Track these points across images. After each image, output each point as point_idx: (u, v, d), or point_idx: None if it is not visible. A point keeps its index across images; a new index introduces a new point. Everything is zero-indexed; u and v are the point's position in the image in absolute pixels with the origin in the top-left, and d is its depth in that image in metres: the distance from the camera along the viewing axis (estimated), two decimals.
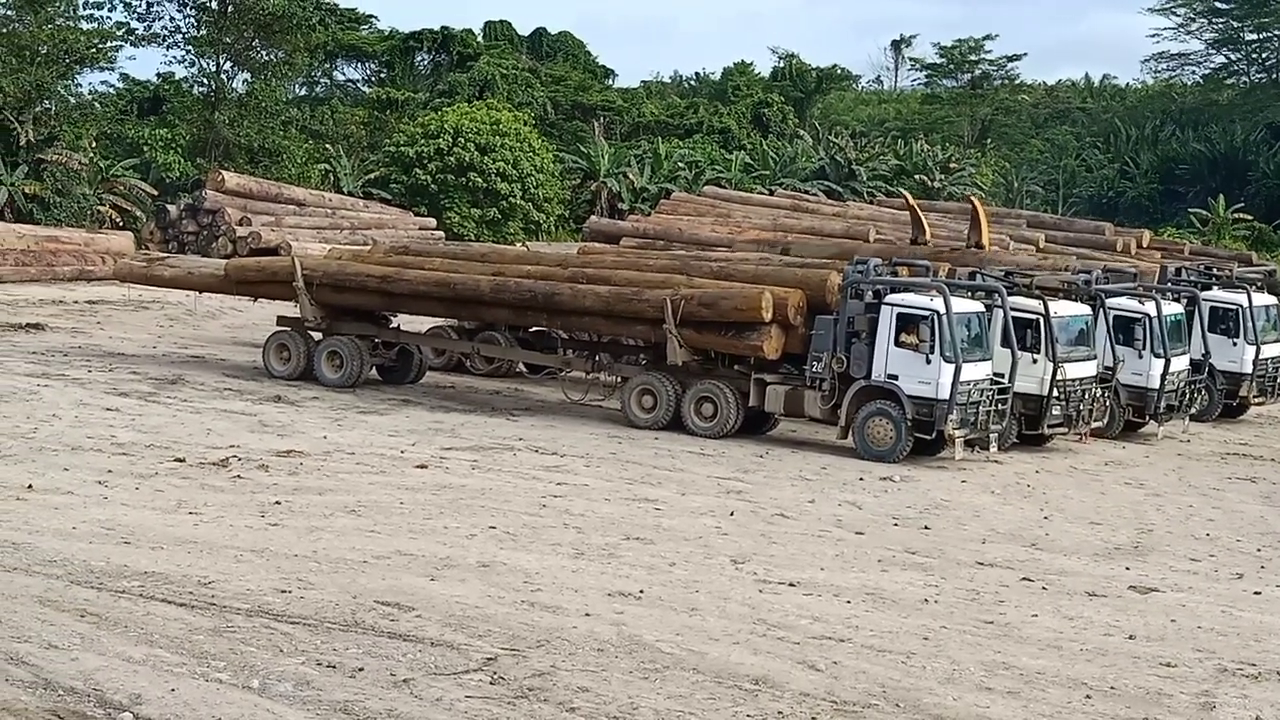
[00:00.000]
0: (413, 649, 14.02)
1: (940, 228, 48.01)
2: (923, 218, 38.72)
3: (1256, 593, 19.25)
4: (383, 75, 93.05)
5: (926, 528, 21.86)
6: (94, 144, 58.81)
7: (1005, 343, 28.08)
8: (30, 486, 20.22)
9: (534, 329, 33.19)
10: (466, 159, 67.07)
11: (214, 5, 65.43)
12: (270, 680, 12.88)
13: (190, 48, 66.80)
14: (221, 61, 66.06)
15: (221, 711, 12.06)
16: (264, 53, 66.57)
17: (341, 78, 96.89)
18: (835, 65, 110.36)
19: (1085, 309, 30.57)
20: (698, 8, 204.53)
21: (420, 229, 62.36)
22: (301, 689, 12.70)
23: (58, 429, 24.96)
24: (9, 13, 60.49)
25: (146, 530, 18.09)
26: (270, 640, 13.97)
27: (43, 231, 50.38)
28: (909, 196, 46.75)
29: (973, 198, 48.94)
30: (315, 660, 13.49)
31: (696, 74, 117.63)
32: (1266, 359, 36.02)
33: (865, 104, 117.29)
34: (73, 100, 62.00)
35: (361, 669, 13.33)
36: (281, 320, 33.35)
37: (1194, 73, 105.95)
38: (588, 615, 15.60)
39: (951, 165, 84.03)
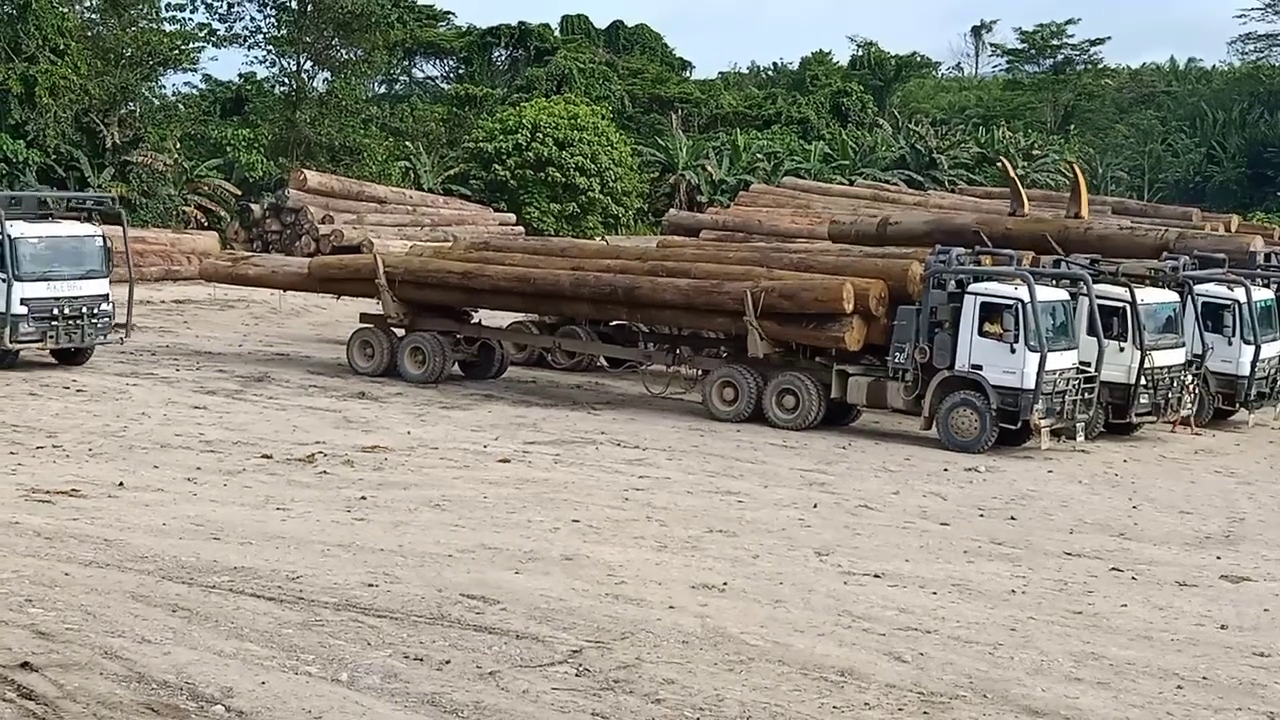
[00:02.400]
0: (498, 641, 14.08)
1: (1024, 215, 47.63)
2: (1021, 189, 38.39)
3: None
4: (461, 72, 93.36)
5: (1013, 518, 21.70)
6: (178, 145, 59.44)
7: (1091, 331, 27.81)
8: (121, 484, 20.49)
9: (614, 323, 33.24)
10: (545, 154, 67.20)
11: (294, 5, 65.93)
12: (359, 673, 12.97)
13: (271, 48, 67.36)
14: (302, 61, 66.57)
15: (311, 704, 12.17)
16: (343, 51, 67.01)
17: (420, 75, 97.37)
18: (915, 52, 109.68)
19: (1173, 295, 30.22)
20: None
21: (500, 225, 62.59)
22: (389, 681, 12.79)
23: (147, 427, 25.28)
24: (93, 16, 61.26)
25: (235, 526, 18.28)
26: (358, 633, 14.08)
27: (130, 233, 50.88)
28: (1009, 166, 46.29)
29: (1075, 165, 48.40)
30: (403, 653, 13.57)
31: (774, 64, 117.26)
32: None
33: (945, 91, 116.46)
34: (157, 102, 62.71)
35: (448, 661, 13.40)
36: (364, 317, 33.61)
37: None
38: (672, 608, 15.60)
39: (1034, 152, 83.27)
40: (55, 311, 30.36)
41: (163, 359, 33.39)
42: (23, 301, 30.02)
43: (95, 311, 30.99)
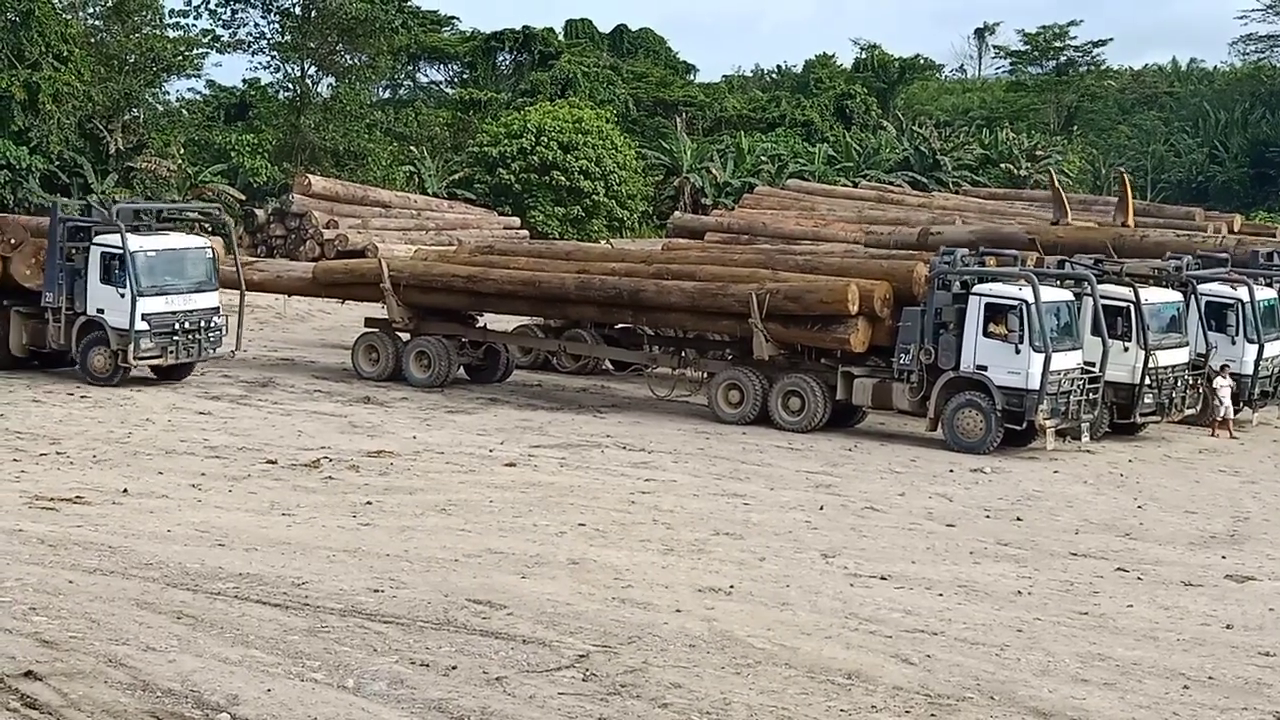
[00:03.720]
0: (505, 647, 14.07)
1: (1028, 216, 47.75)
2: (1065, 199, 38.48)
3: None
4: (465, 76, 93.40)
5: (1019, 519, 21.69)
6: (182, 151, 59.46)
7: (1096, 331, 27.79)
8: (126, 490, 20.50)
9: (619, 326, 33.22)
10: (550, 158, 67.22)
11: (297, 11, 65.97)
12: (365, 679, 12.96)
13: (275, 53, 67.38)
14: (306, 66, 66.61)
15: (317, 711, 12.16)
16: (347, 57, 67.03)
17: (424, 79, 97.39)
18: (918, 55, 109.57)
19: (1177, 295, 30.20)
20: (780, 2, 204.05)
21: (505, 228, 62.61)
22: (396, 688, 12.78)
23: (151, 433, 25.29)
24: (97, 23, 61.31)
25: (240, 532, 18.28)
26: (364, 640, 14.07)
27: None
28: (1054, 177, 46.50)
29: (1124, 174, 48.56)
30: (409, 659, 13.57)
31: (778, 67, 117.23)
32: None
33: (949, 93, 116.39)
34: (160, 108, 62.71)
35: (454, 667, 13.39)
36: (369, 322, 33.61)
37: None
38: (679, 611, 15.59)
39: (1038, 153, 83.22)
40: (175, 326, 29.75)
41: None
42: (144, 317, 29.32)
43: (209, 325, 30.47)
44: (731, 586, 16.80)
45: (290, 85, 67.78)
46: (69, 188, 54.43)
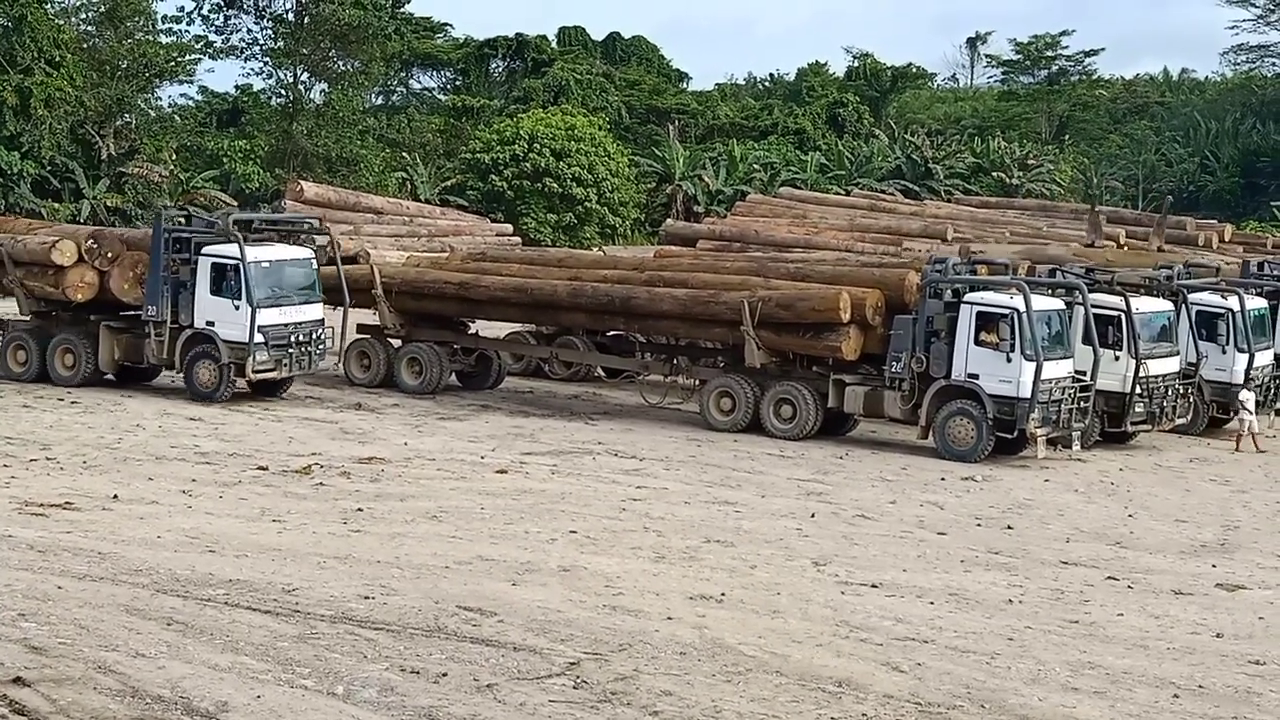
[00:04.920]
0: (495, 654, 14.05)
1: (1020, 225, 47.83)
2: (1100, 222, 38.91)
3: None
4: (458, 83, 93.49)
5: (1009, 527, 21.69)
6: (174, 156, 59.53)
7: (1087, 340, 27.82)
8: (116, 496, 20.47)
9: (611, 333, 33.23)
10: (542, 164, 67.28)
11: (290, 17, 66.02)
12: (355, 686, 12.95)
13: (268, 60, 67.51)
14: (299, 73, 66.69)
15: (307, 718, 12.14)
16: (340, 63, 67.14)
17: (417, 86, 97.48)
18: (910, 64, 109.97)
19: (1167, 305, 30.24)
20: (773, 10, 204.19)
21: (497, 235, 62.40)
22: (386, 695, 12.76)
23: (142, 439, 25.25)
24: (89, 29, 61.34)
25: (230, 538, 18.25)
26: (354, 646, 14.05)
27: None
28: (1095, 204, 47.05)
29: (1168, 197, 49.46)
30: (399, 666, 13.55)
31: (771, 75, 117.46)
32: None
33: (941, 102, 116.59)
34: (153, 114, 62.82)
35: (445, 674, 13.37)
36: (361, 328, 33.56)
37: (1274, 64, 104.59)
38: (669, 619, 15.58)
39: (1029, 162, 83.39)
40: (289, 338, 29.10)
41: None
42: (260, 329, 28.59)
43: (317, 337, 29.74)
44: (722, 594, 16.79)
45: (283, 91, 67.86)
46: (60, 193, 54.43)
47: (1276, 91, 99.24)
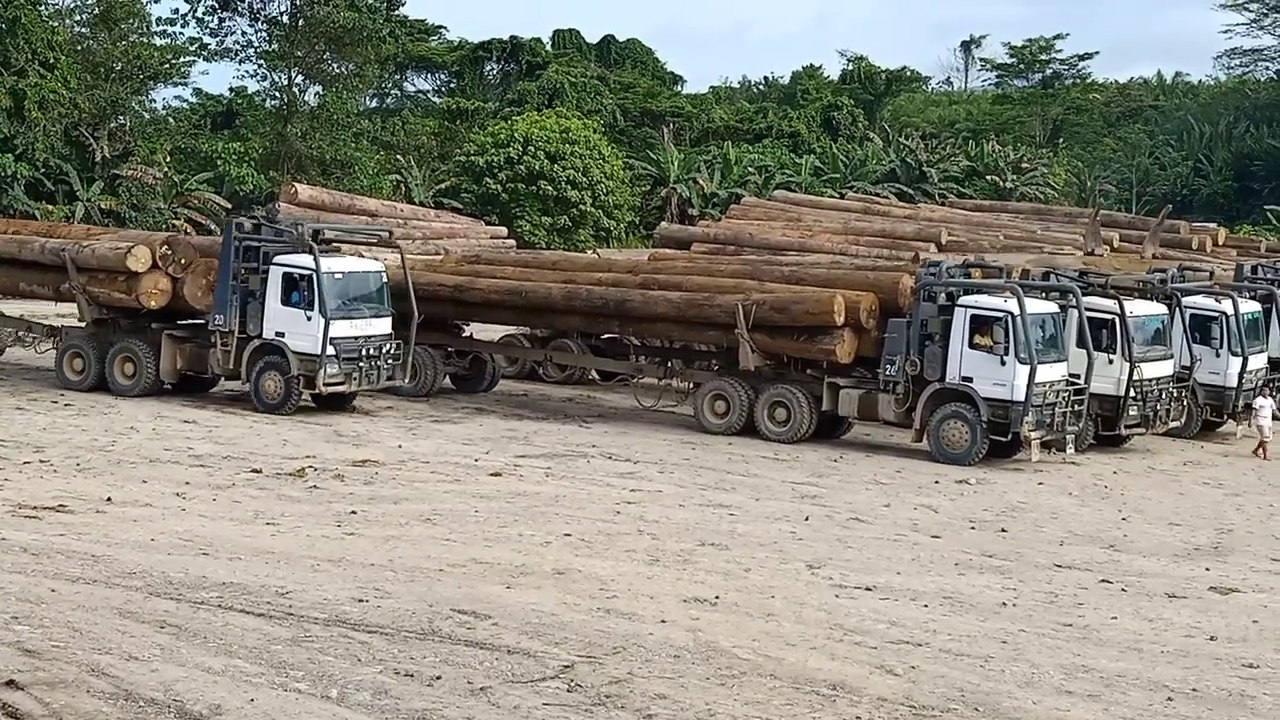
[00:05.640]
0: (489, 657, 14.04)
1: (1014, 228, 47.87)
2: (1100, 232, 39.01)
3: None
4: (453, 85, 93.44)
5: (1004, 530, 21.70)
6: (168, 158, 59.43)
7: (1081, 343, 27.84)
8: (109, 499, 20.44)
9: (606, 336, 33.23)
10: (537, 167, 67.26)
11: (285, 20, 65.97)
12: (348, 689, 12.93)
13: (262, 62, 67.40)
14: (293, 75, 66.61)
15: None
16: (335, 65, 67.05)
17: (412, 89, 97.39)
18: (905, 67, 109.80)
19: (1161, 308, 30.27)
20: (768, 14, 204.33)
21: (492, 238, 62.32)
22: (379, 698, 12.75)
23: (136, 442, 25.22)
24: (84, 30, 61.27)
25: (224, 541, 18.23)
26: (348, 649, 14.04)
27: None
28: (1096, 212, 47.11)
29: (1168, 208, 49.84)
30: (393, 669, 13.53)
31: (765, 78, 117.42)
32: None
33: (935, 105, 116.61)
34: (147, 116, 62.73)
35: (439, 677, 13.36)
36: None
37: (1268, 68, 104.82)
38: (664, 622, 15.58)
39: (1023, 165, 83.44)
40: (360, 352, 28.50)
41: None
42: (331, 341, 28.02)
43: (386, 351, 28.99)
44: (717, 597, 16.78)
45: (277, 94, 67.81)
46: (54, 195, 54.37)
47: (1270, 95, 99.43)
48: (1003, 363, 26.44)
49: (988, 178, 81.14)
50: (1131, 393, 28.55)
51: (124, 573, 16.44)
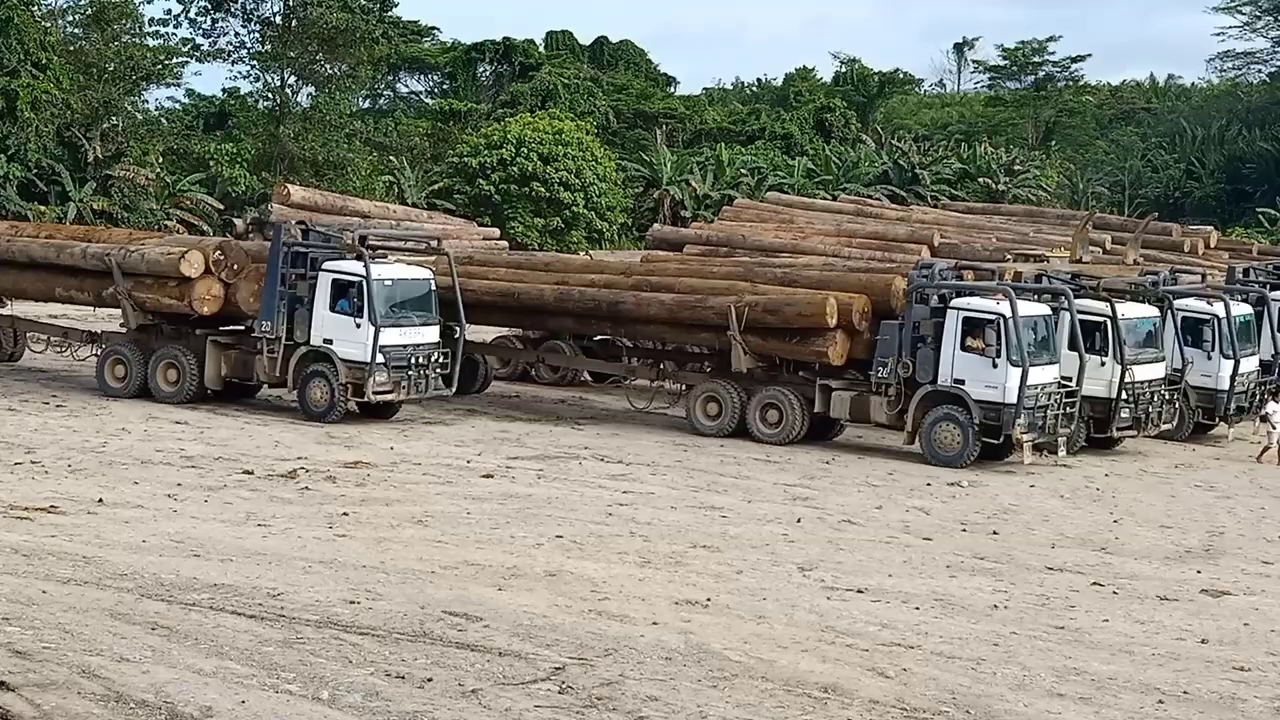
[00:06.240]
0: (481, 659, 14.04)
1: (1006, 230, 47.91)
2: (1090, 239, 39.04)
3: None
4: (445, 87, 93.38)
5: (995, 533, 21.72)
6: (160, 159, 59.39)
7: (1073, 345, 27.87)
8: (101, 500, 20.41)
9: (598, 337, 33.23)
10: (529, 169, 67.21)
11: (278, 20, 65.93)
12: (340, 691, 12.92)
13: (255, 63, 67.35)
14: (286, 76, 66.56)
15: None
16: (328, 66, 66.99)
17: (405, 90, 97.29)
18: (897, 69, 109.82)
19: (1153, 311, 30.31)
20: (761, 16, 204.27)
21: (484, 239, 62.41)
22: (371, 700, 12.74)
23: (127, 443, 25.19)
24: (76, 31, 61.23)
25: (216, 543, 18.22)
26: (339, 651, 14.03)
27: None
28: (1088, 221, 46.98)
29: (1151, 217, 49.82)
30: (384, 671, 13.52)
31: (758, 80, 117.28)
32: None
33: (928, 107, 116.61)
34: (139, 117, 62.64)
35: (430, 679, 13.35)
36: None
37: (1260, 71, 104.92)
38: (655, 624, 15.58)
39: (1016, 168, 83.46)
40: (409, 360, 28.00)
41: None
42: (380, 349, 27.56)
43: (434, 360, 28.49)
44: (708, 599, 16.79)
45: (270, 95, 67.74)
46: (46, 195, 54.32)
47: (1262, 98, 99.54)
48: (994, 365, 26.47)
49: (980, 180, 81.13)
50: (1123, 395, 28.59)
51: (115, 574, 16.42)
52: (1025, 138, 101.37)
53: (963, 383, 26.72)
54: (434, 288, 28.84)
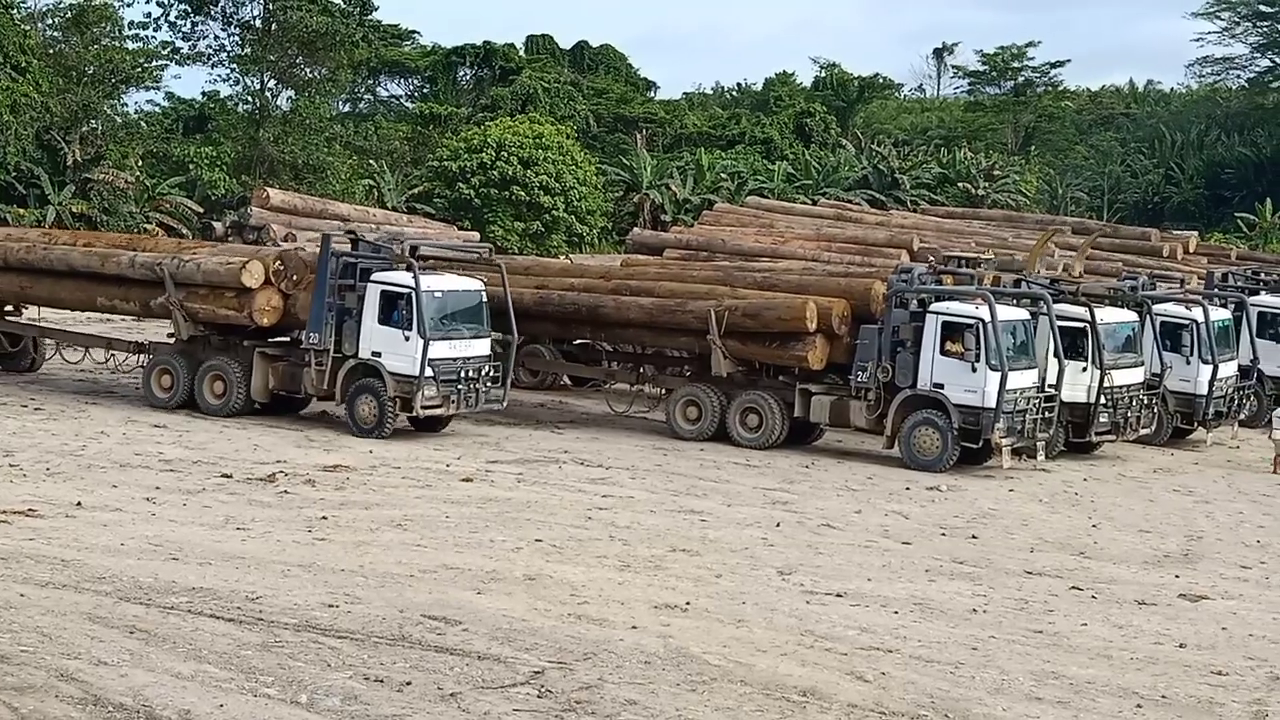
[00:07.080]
0: (460, 662, 14.03)
1: (985, 235, 48.03)
2: (1044, 252, 39.08)
3: None
4: (426, 90, 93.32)
5: (974, 537, 21.76)
6: (140, 163, 59.24)
7: (1052, 350, 27.92)
8: (79, 504, 20.36)
9: (578, 341, 33.20)
10: (509, 173, 67.21)
11: (258, 24, 65.84)
12: (318, 695, 12.91)
13: (235, 66, 67.25)
14: (266, 79, 66.48)
15: None
16: (308, 70, 66.94)
17: (385, 93, 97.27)
18: (877, 74, 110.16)
19: (1132, 315, 30.39)
20: (741, 21, 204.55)
21: (464, 243, 62.46)
22: (349, 703, 12.73)
23: (106, 446, 25.13)
24: (56, 34, 61.09)
25: (194, 546, 18.18)
26: (318, 655, 14.01)
27: None
28: (1049, 237, 46.95)
29: (1106, 228, 49.89)
30: (363, 674, 13.51)
31: (738, 85, 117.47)
32: None
33: (908, 112, 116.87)
34: (119, 120, 62.56)
35: (409, 683, 13.34)
36: None
37: (1239, 77, 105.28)
38: (634, 628, 15.58)
39: (995, 173, 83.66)
40: (459, 373, 27.37)
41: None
42: (430, 362, 26.94)
43: (485, 374, 27.81)
44: (688, 603, 16.79)
45: (250, 98, 67.66)
46: (25, 199, 54.16)
47: (1241, 104, 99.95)
48: (974, 369, 26.51)
49: (960, 185, 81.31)
50: (1102, 400, 28.66)
51: (93, 577, 16.38)
52: (1005, 143, 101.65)
53: (942, 387, 26.77)
54: (485, 299, 28.28)
